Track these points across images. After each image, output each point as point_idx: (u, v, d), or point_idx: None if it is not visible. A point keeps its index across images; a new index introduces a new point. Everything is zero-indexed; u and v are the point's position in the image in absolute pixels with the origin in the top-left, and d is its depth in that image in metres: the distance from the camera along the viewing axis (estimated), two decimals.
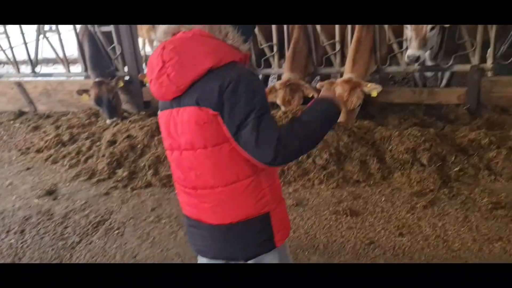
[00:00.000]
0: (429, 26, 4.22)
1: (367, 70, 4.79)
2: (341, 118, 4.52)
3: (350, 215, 3.32)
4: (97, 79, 5.44)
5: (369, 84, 4.43)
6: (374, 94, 4.42)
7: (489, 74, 4.80)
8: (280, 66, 5.40)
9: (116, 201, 3.93)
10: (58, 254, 3.27)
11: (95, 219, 3.66)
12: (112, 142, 4.75)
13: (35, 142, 5.38)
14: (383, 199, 3.50)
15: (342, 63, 5.10)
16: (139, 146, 4.57)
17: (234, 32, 1.77)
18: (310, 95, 4.69)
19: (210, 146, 1.75)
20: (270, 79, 6.58)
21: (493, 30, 4.48)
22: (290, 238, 3.15)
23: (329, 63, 5.19)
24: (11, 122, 6.18)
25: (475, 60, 4.60)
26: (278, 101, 4.82)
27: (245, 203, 1.81)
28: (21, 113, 6.41)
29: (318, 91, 4.86)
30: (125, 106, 5.91)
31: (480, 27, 4.49)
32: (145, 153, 4.51)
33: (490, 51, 4.59)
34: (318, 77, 5.88)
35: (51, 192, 4.17)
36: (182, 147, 1.81)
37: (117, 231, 3.47)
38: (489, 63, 4.59)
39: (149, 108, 5.95)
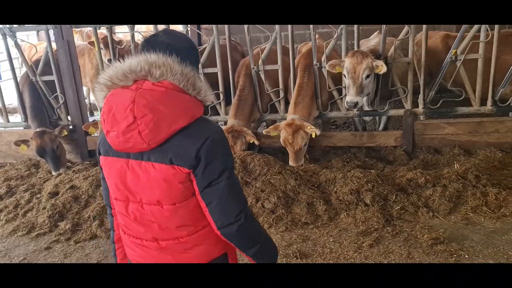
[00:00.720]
0: (365, 75, 4.52)
1: (309, 113, 5.01)
2: (290, 160, 4.69)
3: (300, 258, 3.36)
4: (38, 129, 5.28)
5: (310, 126, 4.65)
6: (313, 135, 4.64)
7: (421, 118, 5.20)
8: (227, 113, 5.51)
9: (58, 255, 3.74)
10: None
11: None
12: (53, 194, 4.56)
13: None
14: (331, 240, 3.59)
15: (286, 109, 5.32)
16: (83, 197, 4.43)
17: (206, 88, 1.74)
18: (251, 141, 4.82)
19: (178, 203, 1.72)
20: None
21: (421, 78, 4.89)
22: None
23: (274, 110, 5.38)
24: None
25: (407, 105, 4.96)
26: None
27: (208, 248, 1.81)
28: None
29: (260, 137, 5.04)
30: (68, 156, 5.74)
31: (410, 75, 4.89)
32: (89, 203, 4.36)
33: (420, 97, 4.97)
34: (264, 123, 6.06)
35: None
36: (144, 201, 1.75)
37: None
38: (420, 108, 4.96)
39: (94, 157, 5.81)
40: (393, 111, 5.07)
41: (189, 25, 5.53)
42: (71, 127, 5.71)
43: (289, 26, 4.93)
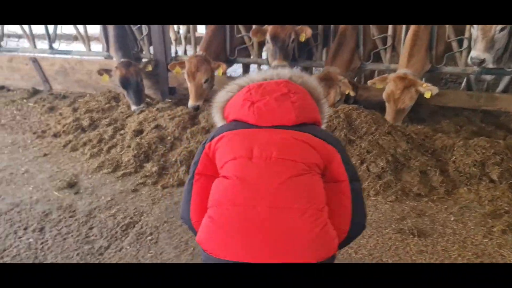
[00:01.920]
0: (499, 27, 3.79)
1: (422, 67, 4.37)
2: (388, 117, 4.14)
3: (417, 236, 2.92)
4: (123, 59, 4.99)
5: (425, 84, 4.02)
6: (428, 95, 4.02)
7: None
8: (323, 57, 4.96)
9: (146, 200, 3.51)
10: (85, 261, 2.87)
11: (124, 221, 3.25)
12: (138, 132, 4.32)
13: (51, 125, 4.95)
14: (452, 219, 3.10)
15: (392, 60, 4.69)
16: (169, 138, 4.15)
17: (327, 111, 1.93)
18: (347, 92, 4.27)
19: (311, 168, 1.63)
20: (313, 71, 6.09)
21: None
22: (352, 259, 2.76)
23: (377, 59, 4.76)
24: (25, 101, 5.74)
25: None
26: None
27: (334, 237, 1.62)
28: (35, 92, 5.97)
29: (358, 88, 4.49)
30: (147, 91, 5.46)
31: None
32: (175, 146, 4.09)
33: None
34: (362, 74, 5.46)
35: (72, 185, 3.75)
36: (274, 155, 1.60)
37: (150, 237, 3.06)
38: None
39: (174, 95, 5.53)
40: None
41: None
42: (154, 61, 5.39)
43: None
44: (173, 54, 5.48)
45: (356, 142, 3.71)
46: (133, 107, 4.86)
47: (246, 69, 5.65)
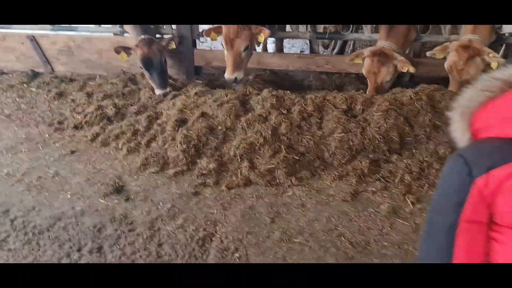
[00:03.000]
0: None
1: (490, 33, 3.95)
2: (451, 88, 3.77)
3: None
4: (144, 36, 4.33)
5: (492, 53, 3.63)
6: (495, 65, 3.63)
7: None
8: (374, 30, 4.47)
9: (215, 205, 3.01)
10: None
11: (197, 233, 2.75)
12: (181, 122, 3.75)
13: (66, 114, 4.30)
14: None
15: (452, 31, 4.26)
16: (219, 128, 3.61)
17: None
18: (405, 70, 3.85)
19: None
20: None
21: None
22: None
23: (436, 30, 4.32)
24: (25, 85, 5.00)
25: None
26: (363, 71, 4.00)
27: None
28: (35, 75, 5.22)
29: (417, 64, 4.06)
30: (169, 71, 4.83)
31: None
32: (228, 137, 3.56)
33: None
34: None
35: (119, 190, 3.20)
36: None
37: (237, 254, 2.59)
38: None
39: (200, 75, 4.94)
40: None
41: None
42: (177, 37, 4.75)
43: None
44: (200, 29, 4.83)
45: (443, 128, 3.29)
46: (158, 91, 4.26)
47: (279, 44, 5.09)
